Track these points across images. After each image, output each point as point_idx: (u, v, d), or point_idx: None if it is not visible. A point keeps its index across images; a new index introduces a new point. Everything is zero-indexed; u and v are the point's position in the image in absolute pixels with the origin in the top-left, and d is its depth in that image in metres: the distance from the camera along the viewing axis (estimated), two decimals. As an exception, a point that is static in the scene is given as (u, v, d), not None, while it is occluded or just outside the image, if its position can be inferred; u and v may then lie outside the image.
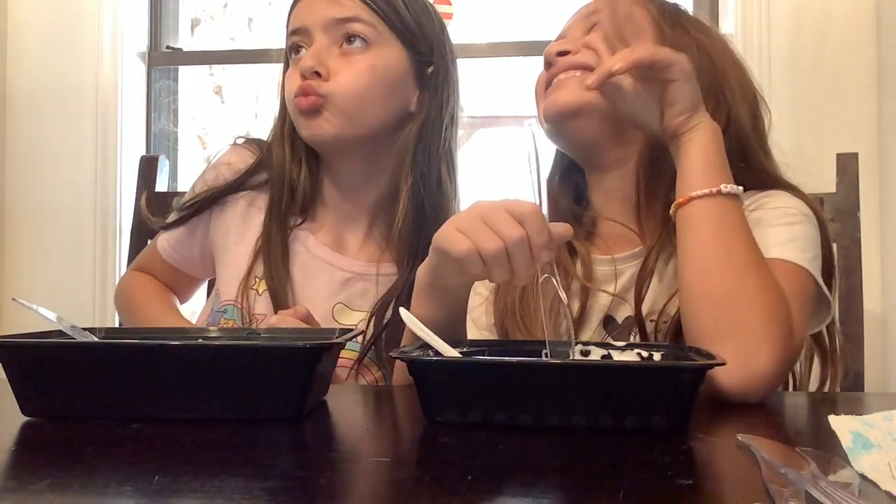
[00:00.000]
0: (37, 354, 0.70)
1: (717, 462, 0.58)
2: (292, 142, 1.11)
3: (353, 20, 1.06)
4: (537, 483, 0.51)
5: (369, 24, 1.07)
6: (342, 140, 1.07)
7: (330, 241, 1.12)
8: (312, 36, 1.07)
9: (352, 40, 1.06)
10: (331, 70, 1.05)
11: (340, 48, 1.07)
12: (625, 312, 0.97)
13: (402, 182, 1.08)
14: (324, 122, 1.05)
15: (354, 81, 1.05)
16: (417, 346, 0.75)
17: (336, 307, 1.08)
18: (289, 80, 1.09)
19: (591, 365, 0.73)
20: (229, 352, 0.71)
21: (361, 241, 1.13)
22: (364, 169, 1.11)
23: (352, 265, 1.11)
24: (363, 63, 1.06)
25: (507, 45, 2.03)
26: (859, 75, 1.80)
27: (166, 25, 2.23)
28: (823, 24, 1.83)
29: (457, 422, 0.65)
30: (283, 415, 0.67)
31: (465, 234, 0.73)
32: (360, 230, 1.13)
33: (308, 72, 1.05)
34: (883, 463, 0.51)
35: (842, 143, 1.58)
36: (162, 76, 2.23)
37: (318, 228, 1.13)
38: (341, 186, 1.13)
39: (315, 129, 1.06)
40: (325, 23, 1.06)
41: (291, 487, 0.49)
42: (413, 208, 1.08)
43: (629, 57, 0.82)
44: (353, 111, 1.06)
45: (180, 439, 0.62)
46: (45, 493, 0.48)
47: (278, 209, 1.11)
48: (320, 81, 1.05)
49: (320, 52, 1.06)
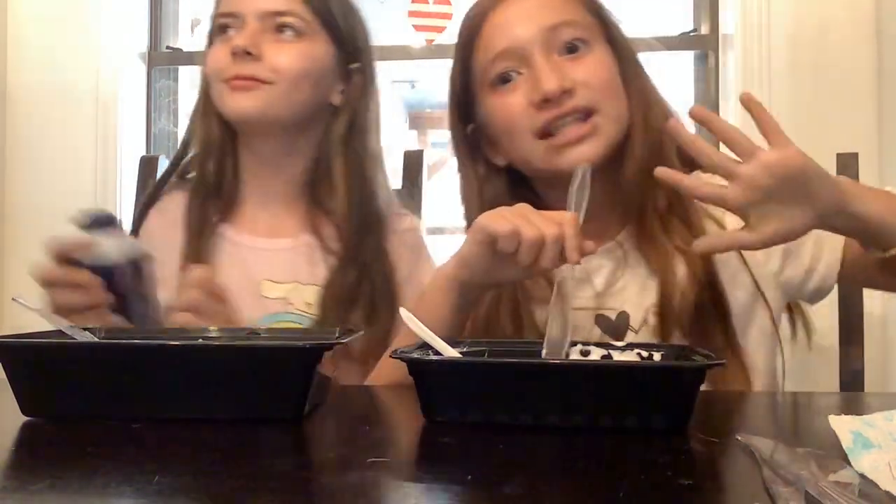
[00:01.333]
0: (37, 354, 0.70)
1: (717, 462, 0.58)
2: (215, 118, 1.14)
3: (287, 13, 1.08)
4: (537, 483, 0.51)
5: (302, 18, 1.09)
6: (265, 118, 1.09)
7: (249, 227, 1.16)
8: (245, 21, 1.08)
9: (283, 30, 1.09)
10: (263, 52, 1.07)
11: (273, 35, 1.08)
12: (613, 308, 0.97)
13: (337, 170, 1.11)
14: (253, 98, 1.07)
15: (287, 64, 1.08)
16: (417, 346, 0.75)
17: (262, 284, 1.11)
18: (213, 57, 1.10)
19: (591, 365, 0.73)
20: (229, 352, 0.71)
21: (280, 219, 1.15)
22: (281, 151, 1.14)
23: (272, 244, 1.14)
24: (295, 49, 1.09)
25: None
26: (859, 75, 1.80)
27: (166, 25, 2.23)
28: (823, 24, 1.83)
29: (457, 422, 0.66)
30: (283, 415, 0.67)
31: (509, 221, 0.79)
32: (278, 209, 1.16)
33: (240, 50, 1.06)
34: (883, 463, 0.51)
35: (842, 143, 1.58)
36: (162, 76, 2.23)
37: (237, 220, 1.16)
38: (258, 167, 1.15)
39: (243, 104, 1.07)
40: (260, 13, 1.08)
41: (291, 487, 0.49)
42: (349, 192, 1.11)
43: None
44: (285, 91, 1.08)
45: (180, 439, 0.62)
46: (45, 493, 0.48)
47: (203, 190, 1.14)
48: (250, 61, 1.06)
49: (254, 35, 1.07)
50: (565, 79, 0.92)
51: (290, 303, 1.09)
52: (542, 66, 0.93)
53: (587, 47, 0.95)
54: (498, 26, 0.96)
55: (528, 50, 0.94)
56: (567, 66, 0.94)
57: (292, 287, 1.10)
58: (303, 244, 1.12)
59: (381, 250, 1.11)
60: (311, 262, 1.11)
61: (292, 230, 1.14)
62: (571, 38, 0.94)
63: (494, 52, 0.96)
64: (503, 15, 0.97)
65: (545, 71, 0.92)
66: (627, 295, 0.97)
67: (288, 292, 1.10)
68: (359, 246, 1.09)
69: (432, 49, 2.24)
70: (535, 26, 0.94)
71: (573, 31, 0.95)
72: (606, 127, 0.94)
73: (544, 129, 0.94)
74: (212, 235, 1.13)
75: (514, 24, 0.95)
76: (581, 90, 0.93)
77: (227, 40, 1.09)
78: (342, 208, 1.10)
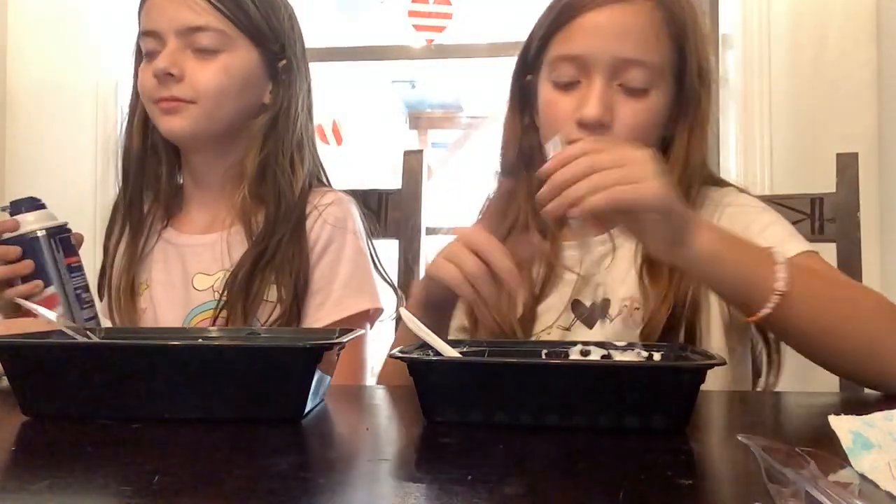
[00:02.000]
0: (37, 354, 0.70)
1: (717, 462, 0.58)
2: (148, 131, 1.17)
3: (203, 29, 1.09)
4: (537, 483, 0.51)
5: (218, 31, 1.10)
6: (198, 136, 1.12)
7: (190, 227, 1.19)
8: (165, 40, 1.10)
9: (202, 46, 1.10)
10: (185, 71, 1.09)
11: (193, 51, 1.09)
12: (594, 296, 1.01)
13: (249, 162, 1.14)
14: (181, 119, 1.09)
15: (208, 82, 1.09)
16: (417, 346, 0.75)
17: (195, 277, 1.14)
18: (141, 78, 1.12)
19: (591, 365, 0.73)
20: (229, 352, 0.71)
21: (217, 214, 1.18)
22: (216, 156, 1.16)
23: (206, 239, 1.16)
24: (215, 65, 1.10)
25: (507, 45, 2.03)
26: (859, 75, 1.80)
27: (166, 25, 2.22)
28: (823, 24, 1.83)
29: (457, 422, 0.66)
30: (284, 415, 0.67)
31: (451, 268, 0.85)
32: (216, 206, 1.18)
33: (161, 73, 1.08)
34: (883, 463, 0.51)
35: (842, 143, 1.58)
36: (162, 76, 2.22)
37: (180, 222, 1.20)
38: (196, 172, 1.19)
39: (173, 125, 1.10)
40: (178, 28, 1.09)
41: (291, 487, 0.49)
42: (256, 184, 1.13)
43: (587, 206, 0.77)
44: (208, 110, 1.10)
45: (180, 439, 0.62)
46: (45, 493, 0.48)
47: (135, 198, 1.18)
48: (174, 82, 1.08)
49: (174, 54, 1.09)
50: (608, 112, 0.95)
51: (217, 290, 1.11)
52: (597, 90, 0.96)
53: (646, 91, 0.97)
54: (584, 30, 0.98)
55: (594, 68, 0.96)
56: (620, 100, 0.96)
57: (220, 275, 1.12)
58: (233, 233, 1.14)
59: (296, 230, 1.12)
60: (238, 250, 1.13)
61: (226, 223, 1.16)
62: (636, 79, 0.96)
63: (568, 52, 0.98)
64: (594, 21, 0.97)
65: (595, 97, 0.95)
66: (608, 284, 1.01)
67: (216, 281, 1.12)
68: (272, 233, 1.11)
69: (432, 49, 2.24)
70: (611, 52, 0.95)
71: (641, 73, 0.96)
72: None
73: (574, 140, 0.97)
74: (157, 238, 1.18)
75: (596, 38, 0.97)
76: (618, 127, 0.96)
77: (152, 60, 1.11)
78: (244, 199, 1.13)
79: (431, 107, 6.79)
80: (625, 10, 0.96)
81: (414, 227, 1.30)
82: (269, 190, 1.13)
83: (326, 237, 1.14)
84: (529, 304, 1.01)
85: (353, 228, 1.16)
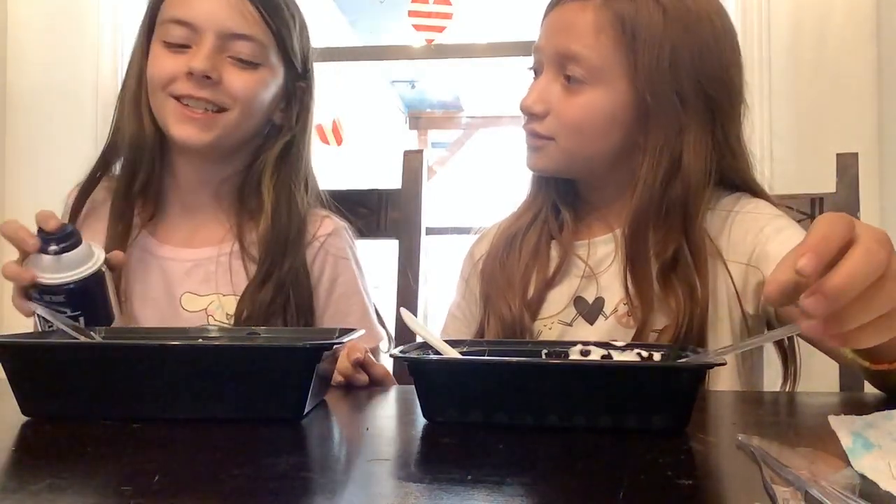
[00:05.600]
0: (37, 354, 0.70)
1: (717, 462, 0.58)
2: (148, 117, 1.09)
3: (247, 38, 1.05)
4: (537, 483, 0.51)
5: (260, 43, 1.06)
6: (214, 148, 1.07)
7: (170, 236, 1.13)
8: (201, 36, 1.04)
9: (242, 54, 1.05)
10: (221, 76, 1.04)
11: (230, 57, 1.05)
12: (593, 293, 1.02)
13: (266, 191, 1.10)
14: (202, 131, 1.05)
15: (246, 92, 1.06)
16: (417, 346, 0.75)
17: (183, 297, 1.09)
18: (161, 66, 1.05)
19: (591, 365, 0.73)
20: (229, 352, 0.71)
21: (203, 227, 1.13)
22: (213, 166, 1.12)
23: (193, 254, 1.11)
24: (254, 77, 1.06)
25: (507, 45, 2.03)
26: (859, 75, 1.80)
27: (166, 25, 2.22)
28: (823, 24, 1.83)
29: (457, 422, 0.66)
30: (284, 415, 0.67)
31: None
32: (202, 217, 1.13)
33: (199, 74, 1.02)
34: (883, 463, 0.51)
35: (842, 143, 1.58)
36: (162, 76, 2.22)
37: (158, 228, 1.13)
38: (186, 177, 1.12)
39: (189, 135, 1.05)
40: (221, 30, 1.04)
41: (291, 487, 0.49)
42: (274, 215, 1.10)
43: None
44: (237, 120, 1.06)
45: (180, 439, 0.62)
46: (45, 493, 0.48)
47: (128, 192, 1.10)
48: (209, 85, 1.03)
49: (213, 56, 1.03)
50: (541, 102, 1.01)
51: (210, 314, 1.08)
52: (537, 81, 1.03)
53: (587, 86, 0.98)
54: (546, 24, 1.04)
55: (545, 60, 1.02)
56: (558, 92, 1.00)
57: (213, 299, 1.08)
58: (223, 254, 1.10)
59: (300, 263, 1.10)
60: (232, 272, 1.09)
61: (214, 239, 1.12)
62: (576, 74, 0.98)
63: (535, 45, 1.04)
64: (553, 16, 1.03)
65: (533, 87, 1.03)
66: (608, 283, 1.02)
67: (209, 304, 1.08)
68: (279, 264, 1.08)
69: (432, 49, 2.24)
70: (554, 45, 1.01)
71: (580, 67, 0.98)
72: (555, 154, 1.02)
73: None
74: (133, 244, 1.10)
75: (550, 32, 1.03)
76: (551, 119, 1.00)
77: (180, 52, 1.04)
78: (266, 230, 1.09)
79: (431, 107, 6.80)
80: (573, 8, 1.00)
81: (414, 227, 1.30)
82: (283, 214, 1.10)
83: (331, 271, 1.13)
84: (541, 287, 1.03)
85: (356, 260, 1.17)
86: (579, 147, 1.01)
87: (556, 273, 1.04)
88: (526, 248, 1.06)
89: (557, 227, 1.07)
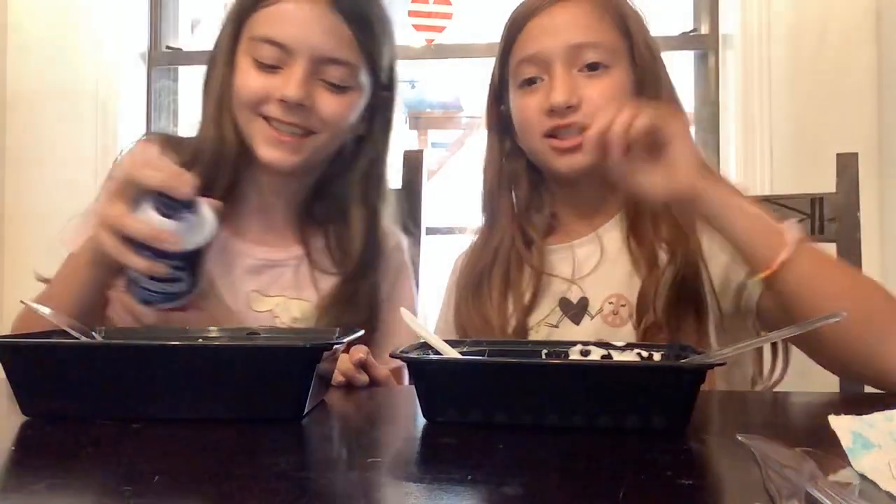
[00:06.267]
0: (37, 354, 0.70)
1: (717, 462, 0.58)
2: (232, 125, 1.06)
3: (340, 63, 1.03)
4: (537, 483, 0.51)
5: (351, 67, 1.04)
6: (300, 168, 1.06)
7: (242, 231, 1.12)
8: (293, 59, 1.01)
9: (334, 79, 1.03)
10: (314, 101, 1.02)
11: (322, 81, 1.03)
12: (577, 294, 1.04)
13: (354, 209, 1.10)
14: (290, 154, 1.04)
15: (336, 116, 1.04)
16: (417, 346, 0.75)
17: (250, 295, 1.09)
18: (250, 85, 1.03)
19: (591, 365, 0.73)
20: (229, 352, 0.71)
21: (273, 228, 1.13)
22: (295, 179, 1.11)
23: (262, 252, 1.11)
24: (345, 101, 1.05)
25: (506, 45, 2.03)
26: (859, 75, 1.80)
27: (166, 25, 2.23)
28: (823, 24, 1.83)
29: (457, 422, 0.65)
30: (284, 415, 0.67)
31: None
32: (273, 219, 1.13)
33: (293, 103, 1.00)
34: (883, 463, 0.51)
35: (842, 143, 1.58)
36: (162, 76, 2.23)
37: (231, 220, 1.10)
38: (266, 185, 1.12)
39: (276, 157, 1.03)
40: (315, 55, 1.01)
41: (291, 487, 0.49)
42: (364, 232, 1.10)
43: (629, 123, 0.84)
44: (323, 143, 1.05)
45: (180, 439, 0.62)
46: (45, 493, 0.48)
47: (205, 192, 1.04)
48: (299, 111, 1.02)
49: (306, 83, 1.01)
50: (574, 95, 1.01)
51: (277, 316, 1.08)
52: (559, 78, 1.02)
53: (606, 69, 1.03)
54: (533, 34, 1.05)
55: (551, 61, 1.03)
56: (582, 82, 1.02)
57: (280, 301, 1.09)
58: (293, 257, 1.11)
59: (376, 280, 1.11)
60: (299, 277, 1.10)
61: (283, 241, 1.12)
62: (592, 60, 1.02)
63: (524, 56, 1.05)
64: (540, 24, 1.05)
65: (559, 84, 1.02)
66: (593, 282, 1.04)
67: (275, 306, 1.09)
68: (361, 277, 1.08)
69: (432, 49, 2.24)
70: (562, 41, 1.02)
71: (595, 53, 1.02)
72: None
73: (550, 132, 1.03)
74: None
75: (546, 36, 1.04)
76: (586, 107, 1.01)
77: (270, 73, 1.02)
78: (355, 244, 1.09)
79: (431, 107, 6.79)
80: (564, 7, 1.04)
81: (414, 227, 1.30)
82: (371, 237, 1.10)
83: (391, 287, 1.13)
84: (521, 318, 1.04)
85: (414, 275, 1.18)
86: None
87: (534, 299, 1.04)
88: (496, 284, 1.06)
89: (527, 250, 1.07)
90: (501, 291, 1.06)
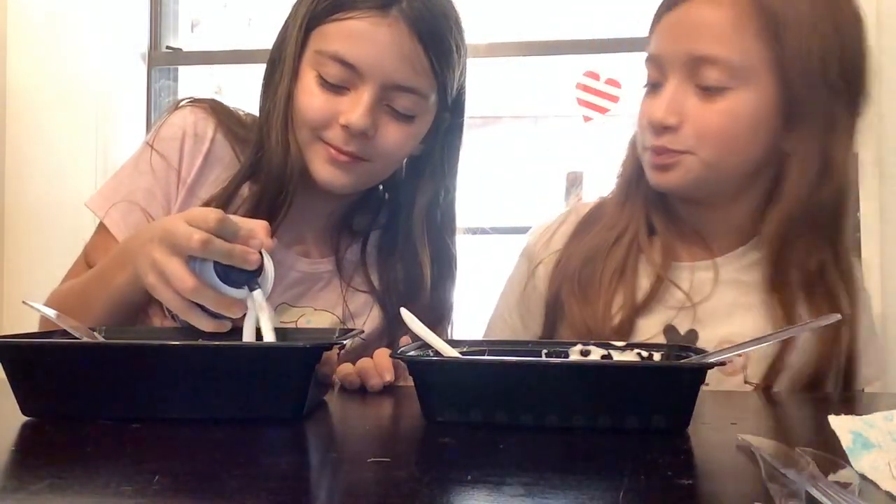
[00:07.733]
0: (37, 354, 0.70)
1: (717, 462, 0.58)
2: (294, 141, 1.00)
3: (412, 91, 0.96)
4: (537, 483, 0.51)
5: (422, 97, 0.97)
6: (351, 189, 1.03)
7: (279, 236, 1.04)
8: (364, 81, 0.94)
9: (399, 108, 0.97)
10: (377, 129, 0.96)
11: (387, 108, 0.96)
12: (686, 324, 0.95)
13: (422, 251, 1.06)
14: (348, 174, 0.98)
15: (395, 148, 0.99)
16: (417, 346, 0.75)
17: (280, 307, 1.06)
18: (314, 104, 0.96)
19: (591, 365, 0.73)
20: (229, 352, 0.71)
21: (306, 235, 1.09)
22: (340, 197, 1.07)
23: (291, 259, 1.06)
24: (408, 132, 0.99)
25: (507, 45, 2.02)
26: (859, 75, 1.80)
27: (166, 25, 2.23)
28: (823, 24, 1.83)
29: (457, 422, 0.65)
30: (283, 415, 0.67)
31: None
32: (308, 227, 1.09)
33: (357, 131, 0.94)
34: (883, 463, 0.51)
35: (842, 143, 1.57)
36: (162, 76, 2.22)
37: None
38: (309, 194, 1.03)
39: (333, 175, 0.98)
40: (386, 83, 0.94)
41: (291, 487, 0.49)
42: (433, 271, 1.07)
43: None
44: (378, 170, 1.02)
45: (180, 439, 0.62)
46: (45, 493, 0.48)
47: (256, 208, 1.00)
48: (360, 139, 0.96)
49: (372, 111, 0.95)
50: (674, 114, 0.91)
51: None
52: (666, 92, 0.92)
53: (727, 89, 0.89)
54: (663, 29, 0.95)
55: (668, 69, 0.92)
56: (692, 99, 0.91)
57: (304, 311, 1.07)
58: (323, 270, 1.08)
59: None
60: (328, 289, 1.08)
61: (315, 251, 1.09)
62: (710, 78, 0.89)
63: (649, 54, 0.96)
64: (673, 19, 0.93)
65: (663, 98, 0.91)
66: (704, 315, 0.95)
67: (299, 317, 1.07)
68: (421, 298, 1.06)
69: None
70: (684, 49, 0.91)
71: (717, 73, 0.89)
72: (695, 167, 0.91)
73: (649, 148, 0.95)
74: None
75: (670, 37, 0.93)
76: (688, 130, 0.91)
77: (335, 93, 0.95)
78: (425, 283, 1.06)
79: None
80: (702, 4, 0.90)
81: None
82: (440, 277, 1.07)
83: None
84: (630, 313, 0.95)
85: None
86: (723, 158, 0.91)
87: (649, 300, 0.95)
88: (609, 267, 0.97)
89: (650, 246, 0.98)
90: (615, 275, 0.96)
